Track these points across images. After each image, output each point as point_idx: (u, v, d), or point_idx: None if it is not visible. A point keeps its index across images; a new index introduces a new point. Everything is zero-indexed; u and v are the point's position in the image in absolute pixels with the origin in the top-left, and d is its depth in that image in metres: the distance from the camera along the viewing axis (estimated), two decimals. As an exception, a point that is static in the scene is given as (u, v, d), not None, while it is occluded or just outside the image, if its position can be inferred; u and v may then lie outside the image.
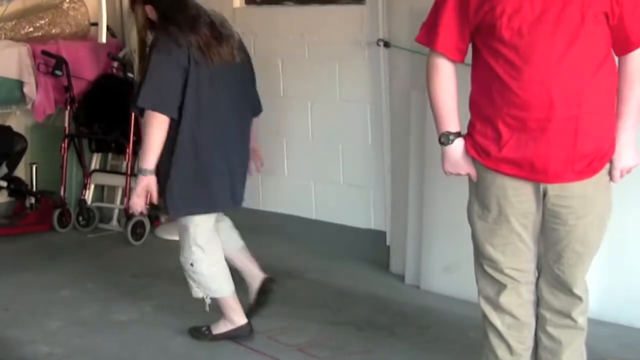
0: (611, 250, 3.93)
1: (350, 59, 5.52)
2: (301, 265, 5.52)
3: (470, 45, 3.29)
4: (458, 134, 3.29)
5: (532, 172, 3.18)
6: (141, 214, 4.30)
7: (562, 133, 3.11)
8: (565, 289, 3.34)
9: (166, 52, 3.94)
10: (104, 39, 6.32)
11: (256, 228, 6.10)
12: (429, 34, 3.33)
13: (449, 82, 3.30)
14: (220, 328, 4.31)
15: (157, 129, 3.92)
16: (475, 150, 3.27)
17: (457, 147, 3.29)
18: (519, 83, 3.07)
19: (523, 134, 3.14)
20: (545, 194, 3.22)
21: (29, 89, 6.20)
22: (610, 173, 3.23)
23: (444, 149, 3.32)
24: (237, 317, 4.28)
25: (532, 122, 3.12)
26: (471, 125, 3.32)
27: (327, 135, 5.80)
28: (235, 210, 6.21)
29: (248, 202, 6.20)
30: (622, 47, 3.21)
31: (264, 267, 4.41)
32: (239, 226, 4.55)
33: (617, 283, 4.25)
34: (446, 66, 3.29)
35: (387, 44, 5.19)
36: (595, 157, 3.20)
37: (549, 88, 3.07)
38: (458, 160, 3.30)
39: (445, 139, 3.29)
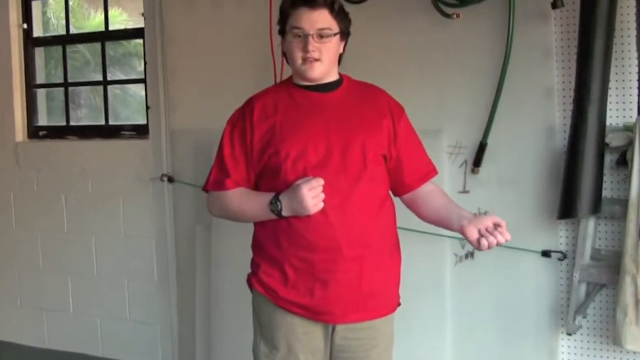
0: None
1: (134, 194, 5.28)
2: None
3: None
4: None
5: (320, 313, 3.07)
6: None
7: (349, 274, 3.03)
8: None
9: None
10: None
11: (40, 369, 5.75)
12: (217, 180, 3.19)
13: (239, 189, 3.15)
14: None
15: None
16: (263, 287, 3.13)
17: (288, 194, 2.98)
18: (305, 225, 2.98)
19: (310, 275, 3.04)
20: (333, 330, 3.12)
21: None
22: (479, 242, 2.95)
23: (285, 205, 2.99)
24: None
25: (319, 263, 3.02)
26: (255, 265, 3.19)
27: (112, 271, 5.48)
28: (19, 349, 5.83)
29: (32, 340, 5.87)
30: (401, 188, 3.23)
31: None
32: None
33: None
34: None
35: (171, 179, 5.01)
36: (382, 296, 3.14)
37: (335, 230, 2.99)
38: (295, 189, 2.95)
39: (274, 205, 3.00)
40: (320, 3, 3.05)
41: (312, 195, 2.91)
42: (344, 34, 3.15)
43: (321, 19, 3.05)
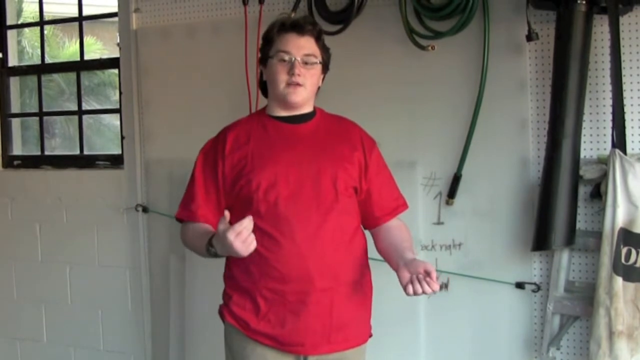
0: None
1: (109, 223, 5.16)
2: None
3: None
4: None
5: (291, 345, 3.00)
6: None
7: (319, 305, 2.97)
8: None
9: None
10: None
11: (13, 399, 5.59)
12: (186, 210, 3.15)
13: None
14: None
15: None
16: (235, 319, 3.07)
17: (218, 240, 2.84)
18: (277, 256, 2.92)
19: (281, 306, 2.97)
20: (305, 361, 3.04)
21: None
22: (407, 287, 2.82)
23: (219, 250, 2.86)
24: None
25: (290, 294, 2.96)
26: (227, 296, 3.12)
27: (86, 301, 5.34)
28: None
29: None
30: (371, 221, 3.17)
31: None
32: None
33: None
34: None
35: (145, 209, 4.89)
36: (353, 327, 3.08)
37: (307, 261, 2.93)
38: (222, 237, 2.78)
39: (209, 251, 2.91)
40: (309, 29, 3.06)
41: (241, 240, 2.73)
42: (325, 66, 3.13)
43: (308, 45, 3.05)
